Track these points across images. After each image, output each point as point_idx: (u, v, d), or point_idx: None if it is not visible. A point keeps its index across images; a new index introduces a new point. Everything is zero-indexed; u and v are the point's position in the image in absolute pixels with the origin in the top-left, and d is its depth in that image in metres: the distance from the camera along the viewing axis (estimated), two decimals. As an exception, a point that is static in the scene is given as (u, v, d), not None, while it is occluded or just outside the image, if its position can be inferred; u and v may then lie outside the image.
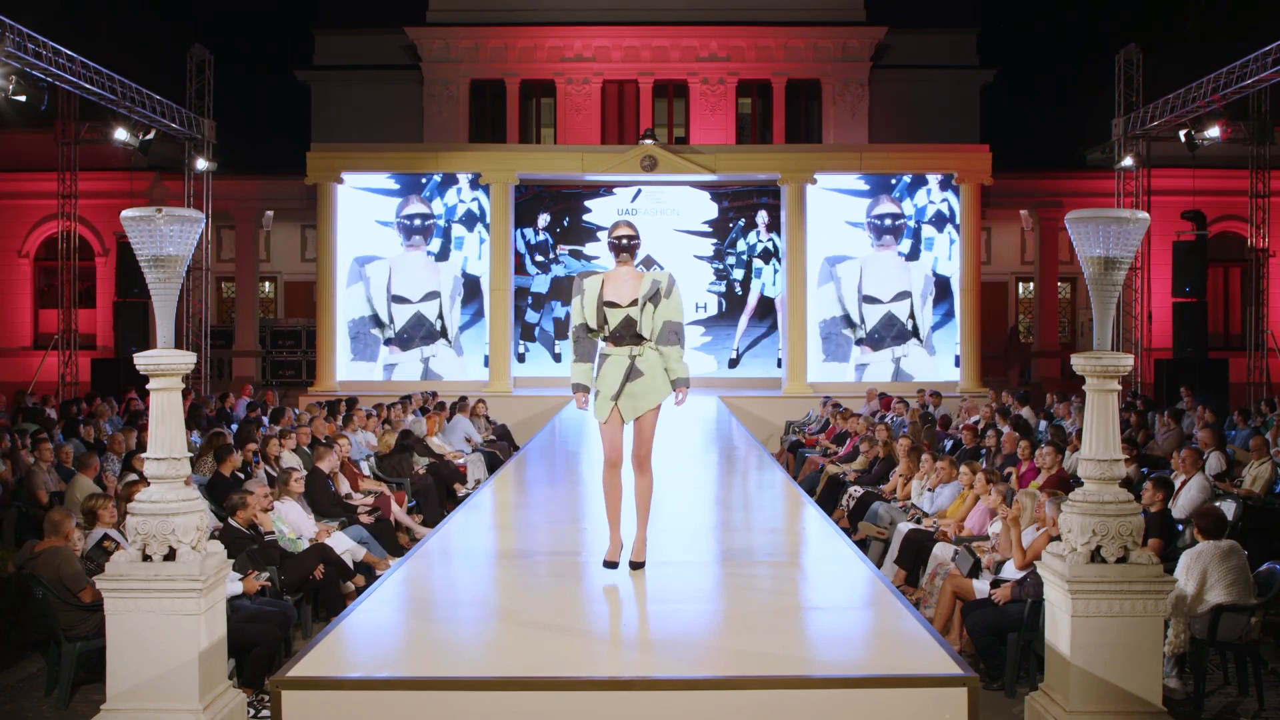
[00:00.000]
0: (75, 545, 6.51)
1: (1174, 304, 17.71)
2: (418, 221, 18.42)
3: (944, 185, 18.21)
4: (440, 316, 18.44)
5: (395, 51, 22.20)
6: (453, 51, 21.71)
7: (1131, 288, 18.63)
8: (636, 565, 5.78)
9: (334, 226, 18.09)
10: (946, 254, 18.22)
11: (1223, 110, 15.62)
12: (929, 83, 22.12)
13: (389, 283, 18.36)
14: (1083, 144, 20.81)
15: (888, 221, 18.28)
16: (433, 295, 18.43)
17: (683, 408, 5.86)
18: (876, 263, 18.26)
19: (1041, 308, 21.97)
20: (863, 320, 18.25)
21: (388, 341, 18.44)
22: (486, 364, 18.10)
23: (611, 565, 5.75)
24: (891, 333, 18.24)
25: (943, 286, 18.24)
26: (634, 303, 5.59)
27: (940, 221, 18.28)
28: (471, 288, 18.46)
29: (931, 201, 18.31)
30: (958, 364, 18.05)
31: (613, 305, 5.61)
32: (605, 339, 5.70)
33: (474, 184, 18.37)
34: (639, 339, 5.63)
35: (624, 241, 5.68)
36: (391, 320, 18.39)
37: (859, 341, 18.25)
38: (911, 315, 18.24)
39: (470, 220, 18.49)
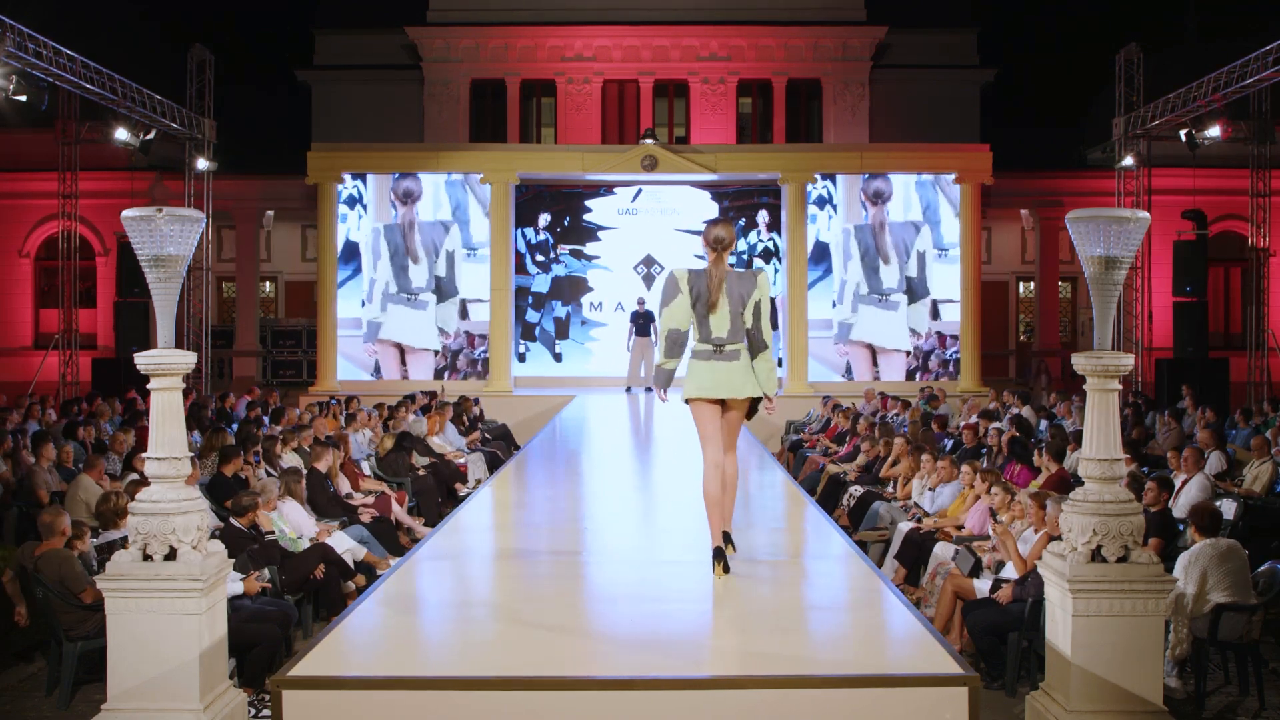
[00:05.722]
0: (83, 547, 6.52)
1: (1174, 303, 17.69)
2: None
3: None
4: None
5: (395, 51, 22.19)
6: (453, 51, 21.70)
7: (1132, 287, 18.62)
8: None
9: (334, 226, 18.09)
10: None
11: (1223, 110, 15.60)
12: (929, 83, 22.10)
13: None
14: (1083, 143, 20.81)
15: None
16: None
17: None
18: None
19: (1042, 307, 21.98)
20: None
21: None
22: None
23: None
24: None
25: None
26: None
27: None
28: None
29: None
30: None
31: None
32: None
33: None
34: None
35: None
36: None
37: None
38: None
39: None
